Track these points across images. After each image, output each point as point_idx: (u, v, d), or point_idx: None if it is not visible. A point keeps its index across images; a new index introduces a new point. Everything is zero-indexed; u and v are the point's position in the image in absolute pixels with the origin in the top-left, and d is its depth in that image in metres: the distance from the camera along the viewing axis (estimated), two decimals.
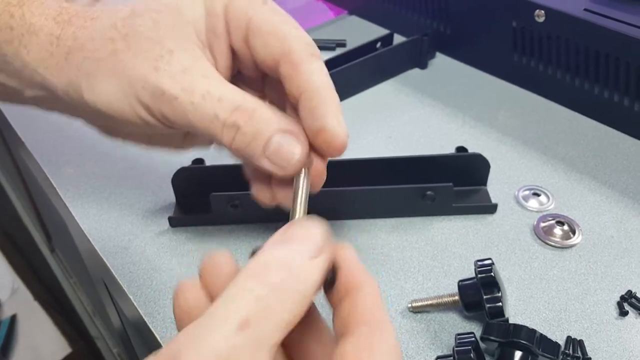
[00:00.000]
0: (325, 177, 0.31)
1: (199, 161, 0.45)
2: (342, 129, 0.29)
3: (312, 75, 0.29)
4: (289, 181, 0.29)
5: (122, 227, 0.44)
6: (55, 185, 0.48)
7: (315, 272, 0.21)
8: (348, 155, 0.49)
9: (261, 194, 0.32)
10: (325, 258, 0.22)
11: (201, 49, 0.30)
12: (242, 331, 0.18)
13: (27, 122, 0.55)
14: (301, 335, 0.23)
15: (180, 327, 0.23)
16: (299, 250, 0.21)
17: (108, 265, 0.41)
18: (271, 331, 0.19)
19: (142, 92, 0.29)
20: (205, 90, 0.28)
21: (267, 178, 0.32)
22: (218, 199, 0.41)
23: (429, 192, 0.42)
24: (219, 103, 0.28)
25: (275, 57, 0.29)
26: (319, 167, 0.30)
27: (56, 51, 0.30)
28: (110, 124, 0.33)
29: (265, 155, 0.28)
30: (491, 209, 0.44)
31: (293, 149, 0.28)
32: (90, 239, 0.43)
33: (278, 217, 0.29)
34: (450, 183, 0.42)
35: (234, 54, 0.31)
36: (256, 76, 0.32)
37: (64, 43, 0.30)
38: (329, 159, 0.31)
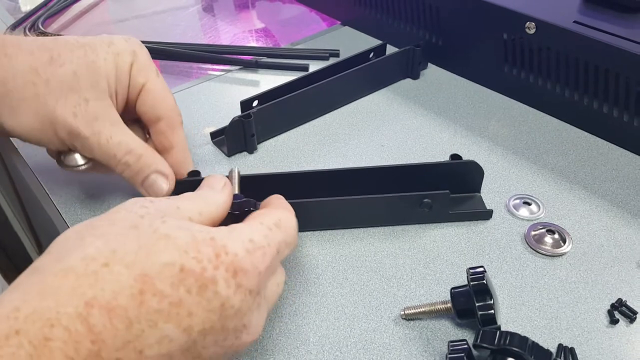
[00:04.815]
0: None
1: (194, 173, 0.45)
2: (191, 166, 0.45)
3: (181, 135, 0.43)
4: None
5: None
6: (48, 192, 0.48)
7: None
8: (341, 164, 0.50)
9: None
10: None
11: (110, 97, 0.40)
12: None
13: None
14: None
15: None
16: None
17: None
18: None
19: (61, 131, 0.38)
20: (109, 136, 0.39)
21: None
22: None
23: (426, 200, 0.42)
24: (118, 146, 0.39)
25: (158, 116, 0.42)
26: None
27: None
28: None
29: (143, 186, 0.41)
30: (486, 214, 0.44)
31: (163, 185, 0.41)
32: None
33: None
34: (447, 190, 0.42)
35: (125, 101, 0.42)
36: (128, 118, 0.43)
37: None
38: (326, 168, 0.43)
